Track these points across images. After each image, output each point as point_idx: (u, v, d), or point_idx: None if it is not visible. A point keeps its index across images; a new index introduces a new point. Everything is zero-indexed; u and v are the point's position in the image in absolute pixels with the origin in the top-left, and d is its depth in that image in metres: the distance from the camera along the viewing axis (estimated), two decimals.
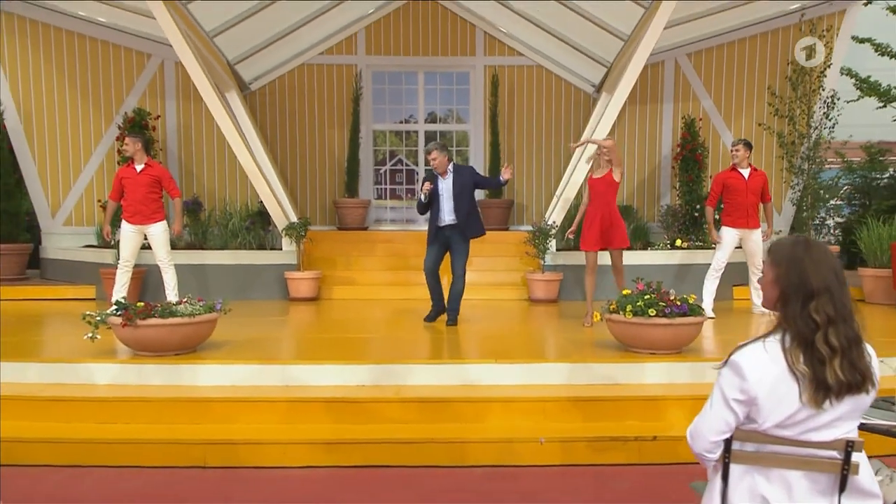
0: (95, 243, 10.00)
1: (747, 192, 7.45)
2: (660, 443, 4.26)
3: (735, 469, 2.05)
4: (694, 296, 5.37)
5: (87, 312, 5.06)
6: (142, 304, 5.21)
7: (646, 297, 5.21)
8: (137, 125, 9.92)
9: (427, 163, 6.96)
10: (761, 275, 7.28)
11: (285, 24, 10.87)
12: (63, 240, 10.54)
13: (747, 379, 1.92)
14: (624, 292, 5.43)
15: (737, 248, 7.77)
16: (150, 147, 7.66)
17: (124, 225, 7.34)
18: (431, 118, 12.46)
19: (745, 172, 7.49)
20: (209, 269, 8.86)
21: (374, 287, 9.09)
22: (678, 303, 5.16)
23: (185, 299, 5.43)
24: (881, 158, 12.16)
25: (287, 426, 4.53)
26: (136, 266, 8.10)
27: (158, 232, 7.35)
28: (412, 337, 6.70)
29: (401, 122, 12.66)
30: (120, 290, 7.31)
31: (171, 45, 8.20)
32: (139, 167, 7.31)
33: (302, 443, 4.27)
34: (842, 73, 10.36)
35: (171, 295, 7.33)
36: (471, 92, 12.21)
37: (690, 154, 10.34)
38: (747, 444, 2.03)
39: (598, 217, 6.93)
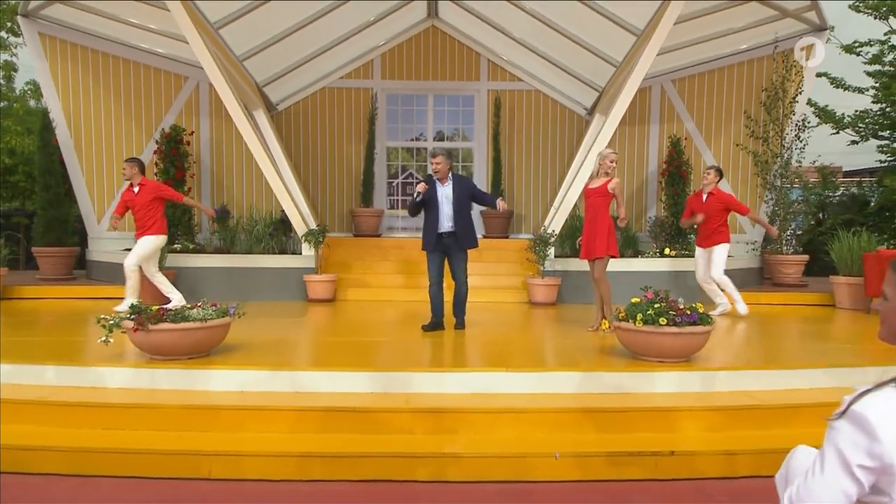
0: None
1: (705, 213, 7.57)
2: (677, 457, 3.88)
3: None
4: (701, 304, 5.02)
5: (102, 316, 4.69)
6: (155, 308, 4.81)
7: (656, 305, 4.88)
8: (173, 140, 10.10)
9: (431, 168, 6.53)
10: (714, 285, 7.21)
11: (309, 51, 11.12)
12: (106, 244, 10.68)
13: (880, 439, 1.35)
14: (633, 300, 5.02)
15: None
16: (144, 169, 7.68)
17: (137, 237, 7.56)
18: (439, 136, 12.67)
19: (705, 196, 7.66)
20: (236, 271, 8.91)
21: (386, 289, 9.10)
22: (688, 311, 4.85)
23: (198, 304, 5.02)
24: (832, 179, 12.56)
25: (294, 436, 4.06)
26: (166, 268, 8.31)
27: (150, 243, 7.47)
28: (421, 341, 6.13)
29: (412, 140, 12.82)
30: (130, 294, 7.43)
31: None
32: (136, 189, 7.45)
33: (309, 455, 3.83)
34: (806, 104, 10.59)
35: (173, 293, 7.54)
36: (475, 113, 12.44)
37: (676, 170, 10.56)
38: None
39: (587, 227, 6.59)
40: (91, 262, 10.74)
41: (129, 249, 9.91)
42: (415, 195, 6.32)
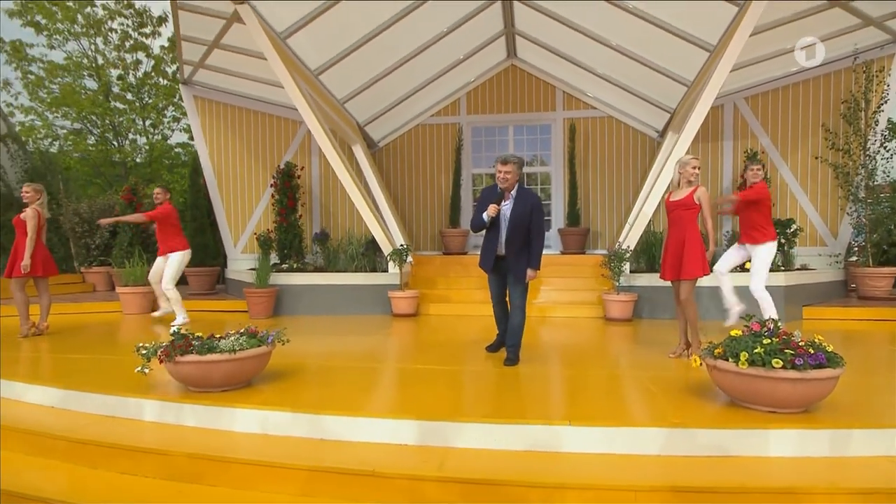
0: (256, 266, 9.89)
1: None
2: None
3: None
4: (821, 337, 3.32)
5: (141, 345, 3.79)
6: (184, 337, 3.78)
7: (766, 341, 3.25)
8: (286, 175, 9.80)
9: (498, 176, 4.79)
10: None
11: (402, 93, 10.52)
12: (240, 264, 10.60)
13: None
14: (732, 333, 3.44)
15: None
16: (170, 196, 7.34)
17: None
18: None
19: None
20: (331, 288, 8.24)
21: (466, 304, 8.09)
22: (811, 351, 3.17)
23: (234, 332, 3.94)
24: None
25: (305, 499, 2.91)
26: (269, 285, 7.92)
27: (173, 259, 7.10)
28: (479, 370, 4.51)
29: (494, 167, 11.81)
30: (179, 310, 7.18)
31: None
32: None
33: None
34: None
35: (178, 309, 7.16)
36: (552, 140, 11.28)
37: None
38: None
39: (672, 244, 4.83)
40: (229, 279, 10.58)
41: (254, 269, 9.69)
42: (485, 217, 4.67)
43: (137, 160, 17.05)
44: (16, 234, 6.38)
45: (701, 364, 3.56)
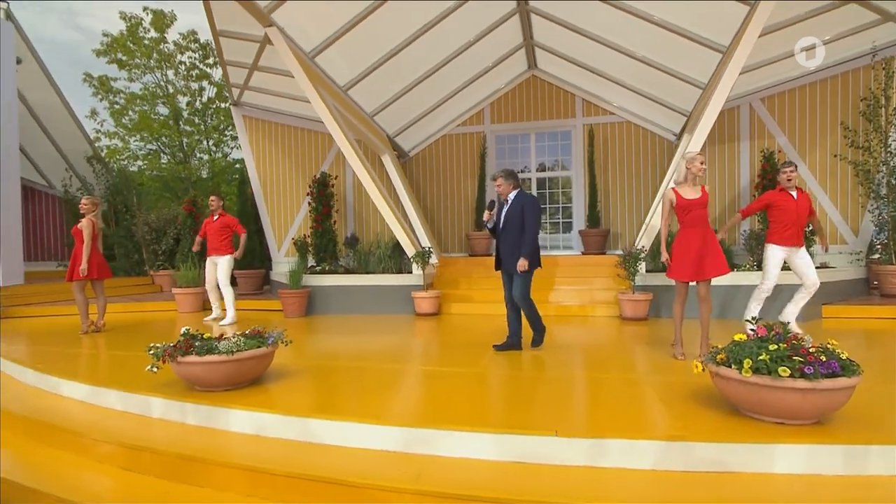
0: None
1: (797, 211, 5.03)
2: None
3: None
4: (835, 342, 2.84)
5: (152, 344, 3.65)
6: (186, 337, 3.64)
7: (772, 347, 2.76)
8: (321, 184, 9.78)
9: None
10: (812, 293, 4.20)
11: (429, 105, 10.38)
12: (282, 266, 10.72)
13: None
14: (736, 337, 2.98)
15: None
16: (223, 203, 7.47)
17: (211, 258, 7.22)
18: (541, 167, 11.19)
19: (794, 194, 5.07)
20: (360, 289, 8.10)
21: (487, 304, 7.74)
22: (822, 358, 2.68)
23: (237, 334, 3.76)
24: None
25: None
26: (302, 287, 7.89)
27: (223, 261, 7.06)
28: (480, 373, 4.09)
29: (518, 171, 11.42)
30: (231, 306, 7.11)
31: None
32: (216, 217, 7.15)
33: None
34: None
35: (230, 309, 7.09)
36: (572, 145, 10.88)
37: (770, 183, 8.13)
38: None
39: (694, 244, 4.32)
40: (273, 280, 10.60)
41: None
42: (487, 223, 4.95)
43: (203, 175, 17.53)
44: (74, 242, 6.49)
45: (703, 370, 3.06)
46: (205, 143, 17.87)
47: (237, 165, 17.68)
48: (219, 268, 7.10)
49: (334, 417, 3.06)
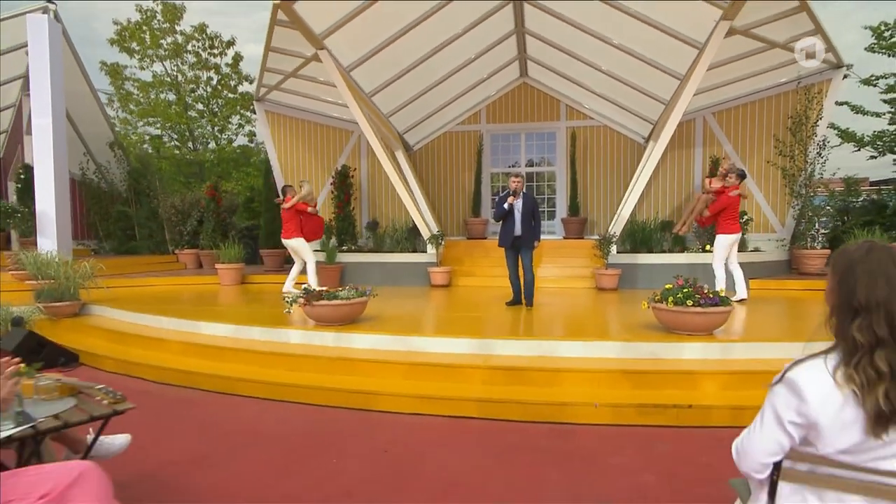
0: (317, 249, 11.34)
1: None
2: (695, 410, 3.72)
3: (784, 487, 1.34)
4: (722, 290, 4.87)
5: (286, 291, 5.17)
6: (319, 289, 5.23)
7: (685, 290, 4.73)
8: (343, 175, 11.24)
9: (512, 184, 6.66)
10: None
11: (434, 107, 11.91)
12: None
13: (807, 401, 1.24)
14: (666, 286, 4.93)
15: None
16: (286, 192, 8.54)
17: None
18: (529, 163, 12.98)
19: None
20: (383, 265, 9.69)
21: (487, 278, 9.49)
22: (710, 295, 4.68)
23: (348, 286, 5.43)
24: (855, 188, 11.44)
25: (405, 382, 4.35)
26: (336, 262, 9.33)
27: (291, 244, 8.28)
28: (502, 316, 6.19)
29: (509, 166, 13.19)
30: (289, 281, 8.37)
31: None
32: (287, 205, 8.28)
33: (413, 396, 4.06)
34: (827, 127, 9.77)
35: (312, 277, 8.16)
36: (557, 145, 12.66)
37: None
38: (800, 464, 1.33)
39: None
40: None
41: (318, 251, 11.10)
42: (505, 206, 6.54)
43: (211, 158, 18.71)
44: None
45: (648, 307, 5.09)
46: (210, 128, 18.99)
47: (252, 159, 18.93)
48: (291, 249, 8.45)
49: (426, 335, 4.96)
